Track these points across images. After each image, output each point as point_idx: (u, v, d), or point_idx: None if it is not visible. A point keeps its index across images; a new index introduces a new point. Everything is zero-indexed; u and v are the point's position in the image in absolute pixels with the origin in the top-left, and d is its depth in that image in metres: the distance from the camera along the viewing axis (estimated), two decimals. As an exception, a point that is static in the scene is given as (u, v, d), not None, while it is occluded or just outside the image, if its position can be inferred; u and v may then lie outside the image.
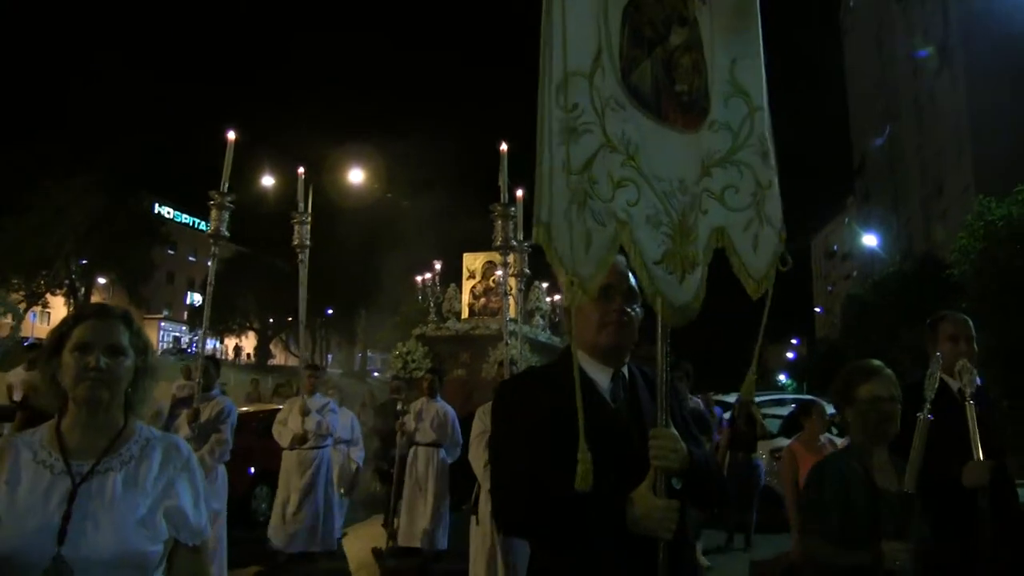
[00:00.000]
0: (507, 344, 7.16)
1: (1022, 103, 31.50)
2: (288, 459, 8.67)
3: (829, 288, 75.31)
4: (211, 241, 6.18)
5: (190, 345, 68.01)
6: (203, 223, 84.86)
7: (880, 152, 55.25)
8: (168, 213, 67.56)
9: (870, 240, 49.99)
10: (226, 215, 6.08)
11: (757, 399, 5.03)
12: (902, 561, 2.80)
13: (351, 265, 51.03)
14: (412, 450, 8.95)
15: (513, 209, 6.77)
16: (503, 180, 6.55)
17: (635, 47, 2.32)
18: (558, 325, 14.35)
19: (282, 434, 8.64)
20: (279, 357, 66.81)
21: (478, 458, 6.84)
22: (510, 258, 10.57)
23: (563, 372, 2.26)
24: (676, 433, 2.30)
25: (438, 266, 13.51)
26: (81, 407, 2.11)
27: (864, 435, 3.14)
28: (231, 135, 5.85)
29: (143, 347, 2.26)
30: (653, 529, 2.18)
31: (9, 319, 45.28)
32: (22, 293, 46.89)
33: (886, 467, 3.11)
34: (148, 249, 56.10)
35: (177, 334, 70.22)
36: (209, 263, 6.26)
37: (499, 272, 10.78)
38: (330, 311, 58.19)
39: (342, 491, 9.66)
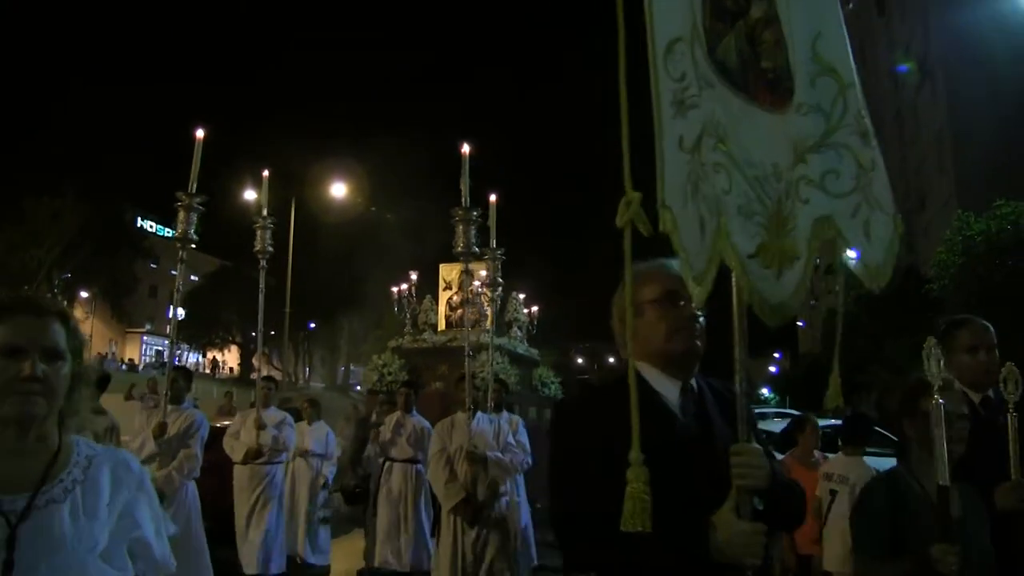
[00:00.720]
0: (469, 355, 6.91)
1: (1002, 118, 31.75)
2: (240, 474, 8.22)
3: (812, 302, 75.47)
4: (178, 245, 5.82)
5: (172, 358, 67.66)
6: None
7: (862, 166, 55.55)
8: (151, 227, 67.26)
9: (851, 254, 50.17)
10: (194, 217, 5.71)
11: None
12: (951, 564, 2.54)
13: (333, 278, 50.89)
14: (387, 466, 8.48)
15: (477, 213, 6.42)
16: (465, 183, 6.25)
17: (718, 19, 2.11)
18: (536, 337, 14.03)
19: (235, 448, 8.07)
20: (263, 370, 66.44)
21: (438, 478, 6.71)
22: (489, 267, 10.33)
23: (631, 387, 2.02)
24: (760, 448, 2.11)
25: (414, 277, 13.25)
26: (8, 427, 1.72)
27: (928, 451, 2.77)
28: (199, 133, 5.57)
29: (79, 348, 1.89)
30: (739, 556, 1.97)
31: None
32: None
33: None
34: (131, 263, 55.91)
35: (159, 348, 69.86)
36: (175, 271, 5.94)
37: (476, 283, 10.66)
38: (312, 325, 57.99)
39: (321, 511, 9.27)
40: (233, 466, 8.26)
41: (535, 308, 13.74)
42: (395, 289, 13.01)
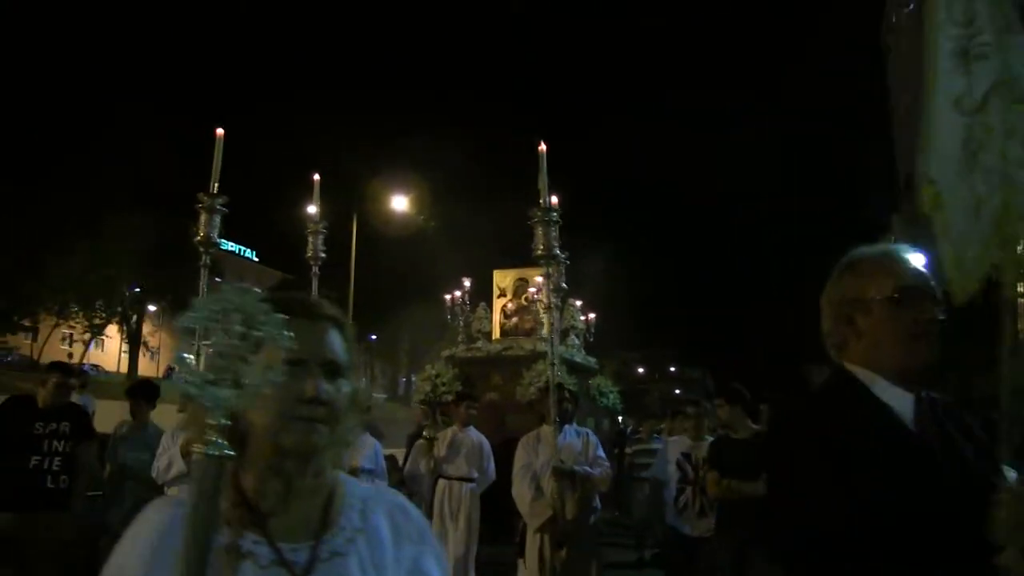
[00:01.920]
0: (553, 364, 5.88)
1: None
2: None
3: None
4: (201, 250, 5.63)
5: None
6: (248, 251, 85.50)
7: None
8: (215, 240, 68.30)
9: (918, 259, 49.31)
10: (217, 219, 5.53)
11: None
12: None
13: (394, 290, 51.35)
14: (443, 485, 7.91)
15: (557, 214, 6.00)
16: (542, 182, 5.77)
17: None
18: (592, 345, 13.64)
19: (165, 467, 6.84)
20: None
21: (524, 495, 6.44)
22: (533, 271, 9.58)
23: (859, 400, 1.82)
24: None
25: (467, 283, 12.62)
26: (286, 459, 1.40)
27: None
28: (220, 131, 5.45)
29: (352, 363, 1.55)
30: None
31: None
32: (84, 323, 48.00)
33: None
34: (197, 277, 56.83)
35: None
36: (200, 278, 5.73)
37: (532, 289, 10.48)
38: (374, 336, 58.55)
39: None
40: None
41: (592, 315, 13.34)
42: (448, 297, 12.55)
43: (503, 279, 12.62)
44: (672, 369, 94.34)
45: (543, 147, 5.81)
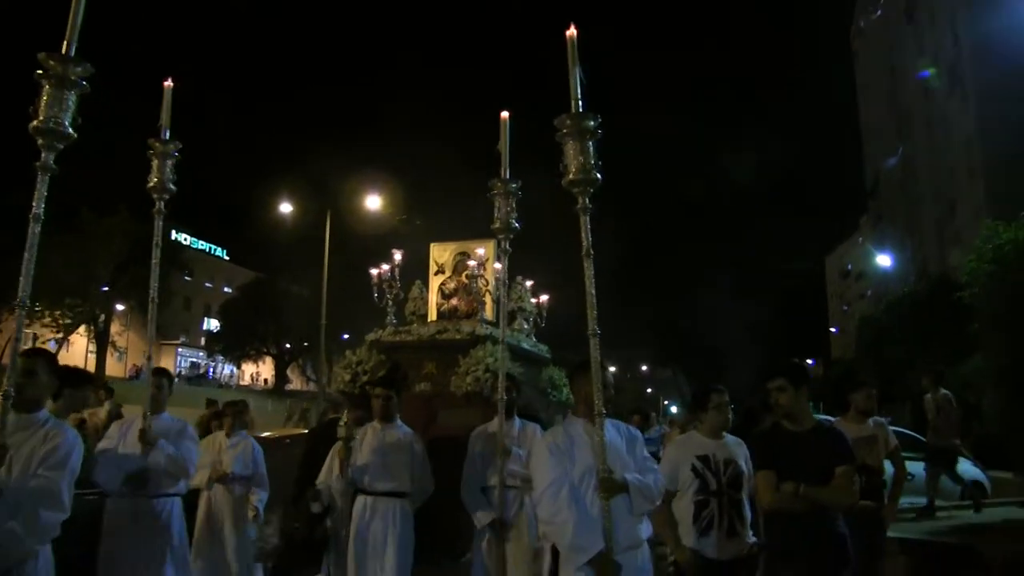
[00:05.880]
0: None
1: (1033, 124, 31.59)
2: (115, 512, 5.66)
3: (844, 308, 75.13)
4: (155, 196, 5.27)
5: (206, 370, 68.63)
6: (220, 250, 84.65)
7: (893, 173, 55.31)
8: (185, 240, 68.12)
9: (884, 260, 50.06)
10: (169, 164, 5.20)
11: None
12: None
13: (366, 288, 50.76)
14: (364, 503, 5.87)
15: (517, 186, 5.37)
16: (504, 149, 5.20)
17: None
18: (544, 330, 11.50)
19: (106, 470, 5.68)
20: (296, 382, 67.10)
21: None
22: (487, 247, 8.92)
23: None
24: None
25: (398, 257, 10.42)
26: None
27: None
28: (168, 83, 5.17)
29: None
30: None
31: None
32: (51, 323, 47.61)
33: None
34: (167, 276, 56.65)
35: (195, 360, 70.72)
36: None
37: (472, 263, 9.17)
38: (346, 336, 58.44)
39: (255, 544, 7.20)
40: (107, 501, 5.74)
41: (544, 297, 11.15)
42: (374, 272, 10.22)
43: (441, 253, 10.73)
44: (644, 368, 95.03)
45: (505, 115, 5.32)
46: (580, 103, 4.02)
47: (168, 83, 5.20)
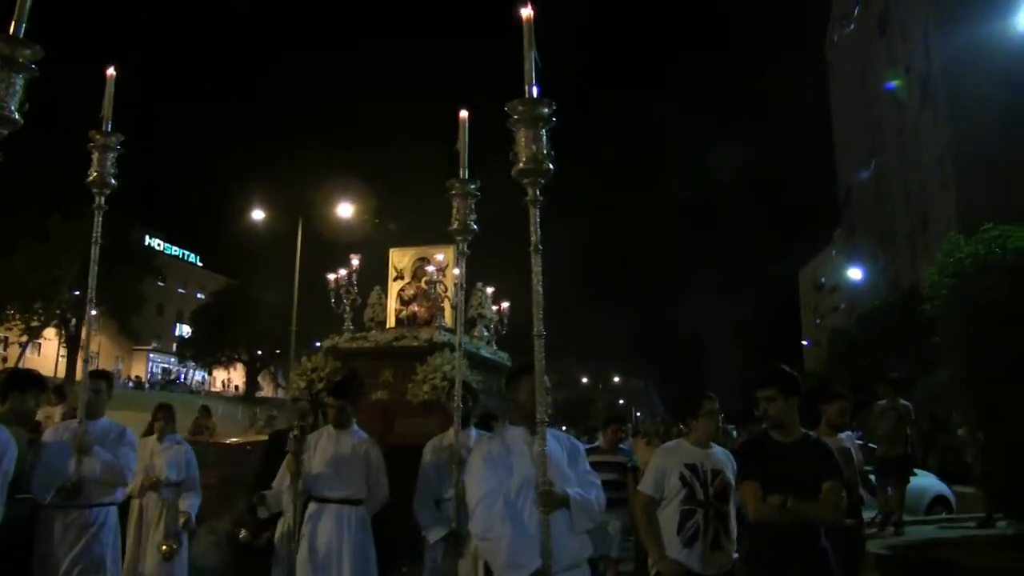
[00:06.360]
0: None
1: (1005, 138, 31.80)
2: (47, 523, 5.32)
3: (818, 321, 75.61)
4: (95, 191, 5.17)
5: (177, 376, 68.16)
6: (192, 255, 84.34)
7: (866, 186, 55.65)
8: (158, 245, 67.66)
9: (855, 273, 50.37)
10: (110, 157, 5.09)
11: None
12: None
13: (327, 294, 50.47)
14: (316, 511, 5.71)
15: (475, 187, 5.23)
16: (463, 148, 5.10)
17: None
18: (504, 338, 11.37)
19: (42, 480, 5.30)
20: (266, 389, 66.76)
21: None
22: (446, 252, 8.72)
23: None
24: None
25: (356, 262, 10.37)
26: None
27: None
28: (110, 72, 5.02)
29: None
30: None
31: None
32: (21, 325, 47.32)
33: None
34: (139, 281, 56.20)
35: (166, 365, 70.25)
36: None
37: (430, 268, 9.05)
38: (318, 343, 58.10)
39: (163, 548, 6.62)
40: (39, 511, 5.34)
41: (505, 304, 11.09)
42: (332, 277, 10.12)
43: (401, 259, 10.61)
44: (616, 380, 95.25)
45: (464, 114, 5.18)
46: (535, 88, 3.76)
47: (111, 72, 4.99)
